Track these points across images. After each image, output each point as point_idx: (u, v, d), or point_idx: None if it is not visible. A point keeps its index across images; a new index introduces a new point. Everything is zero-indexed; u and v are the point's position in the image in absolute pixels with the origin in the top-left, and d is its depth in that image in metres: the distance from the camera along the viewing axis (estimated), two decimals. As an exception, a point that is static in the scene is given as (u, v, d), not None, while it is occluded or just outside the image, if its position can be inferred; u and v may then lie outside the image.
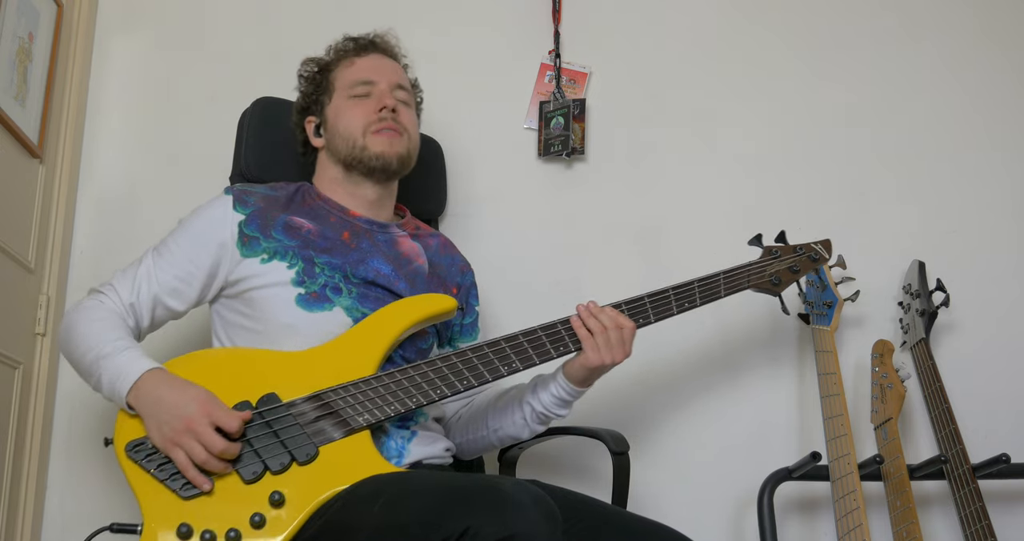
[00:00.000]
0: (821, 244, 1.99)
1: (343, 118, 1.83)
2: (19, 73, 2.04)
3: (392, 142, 1.81)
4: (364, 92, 1.84)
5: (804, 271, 1.96)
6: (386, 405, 1.60)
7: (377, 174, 1.82)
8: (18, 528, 2.04)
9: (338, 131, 1.84)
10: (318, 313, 1.69)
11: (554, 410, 1.76)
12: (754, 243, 1.96)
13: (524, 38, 2.44)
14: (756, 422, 2.27)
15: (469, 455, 1.90)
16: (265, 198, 1.79)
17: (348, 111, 1.83)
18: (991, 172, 2.41)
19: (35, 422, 2.10)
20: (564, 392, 1.74)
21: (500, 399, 1.83)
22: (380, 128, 1.81)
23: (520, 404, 1.78)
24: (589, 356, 1.68)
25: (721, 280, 1.84)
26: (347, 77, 1.86)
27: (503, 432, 1.81)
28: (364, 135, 1.81)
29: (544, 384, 1.76)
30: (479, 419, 1.84)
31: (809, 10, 2.49)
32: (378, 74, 1.86)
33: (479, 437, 1.84)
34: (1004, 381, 2.29)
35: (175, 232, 1.77)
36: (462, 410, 1.90)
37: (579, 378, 1.72)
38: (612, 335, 1.69)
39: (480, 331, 1.95)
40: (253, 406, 1.56)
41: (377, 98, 1.83)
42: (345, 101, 1.84)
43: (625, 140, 2.41)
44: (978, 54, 2.48)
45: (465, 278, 1.94)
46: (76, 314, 1.68)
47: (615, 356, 1.69)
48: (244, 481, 1.50)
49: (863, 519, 1.93)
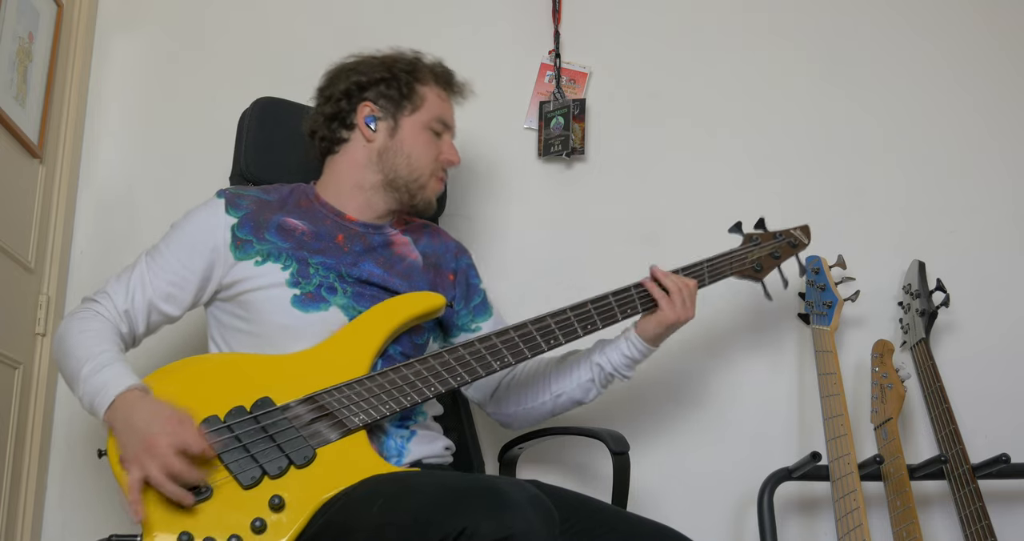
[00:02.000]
0: (800, 229, 2.05)
1: (419, 146, 1.83)
2: (19, 73, 2.04)
3: (440, 190, 1.88)
4: (441, 130, 1.87)
5: (785, 257, 2.01)
6: (381, 404, 1.60)
7: (409, 209, 1.86)
8: (18, 527, 2.04)
9: (407, 153, 1.82)
10: (314, 313, 1.69)
11: (622, 371, 1.83)
12: (734, 231, 1.98)
13: (524, 38, 2.44)
14: (756, 422, 2.27)
15: (524, 425, 1.92)
16: (257, 201, 1.79)
17: (426, 143, 1.84)
18: (991, 172, 2.41)
19: (35, 422, 2.10)
20: (637, 351, 1.81)
21: (562, 363, 1.87)
22: (441, 178, 1.87)
23: (588, 365, 1.84)
24: (667, 313, 1.78)
25: (705, 268, 1.90)
26: (437, 109, 1.86)
27: (566, 397, 1.85)
28: (431, 176, 1.84)
29: (614, 345, 1.83)
30: (538, 386, 1.87)
31: (809, 10, 2.49)
32: (453, 122, 1.90)
33: (538, 404, 1.87)
34: (1004, 381, 2.29)
35: (168, 237, 1.76)
36: (505, 381, 1.91)
37: (653, 336, 1.80)
38: (686, 293, 1.80)
39: (494, 307, 1.95)
40: (248, 410, 1.55)
41: (448, 147, 1.87)
42: (423, 130, 1.84)
43: (625, 140, 2.41)
44: (979, 54, 2.47)
45: (460, 262, 1.93)
46: (67, 324, 1.67)
47: (688, 312, 1.80)
48: (243, 487, 1.49)
49: (863, 519, 1.93)
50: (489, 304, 1.95)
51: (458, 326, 1.90)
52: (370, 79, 1.83)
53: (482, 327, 1.89)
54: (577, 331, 1.76)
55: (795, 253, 2.03)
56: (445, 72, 1.91)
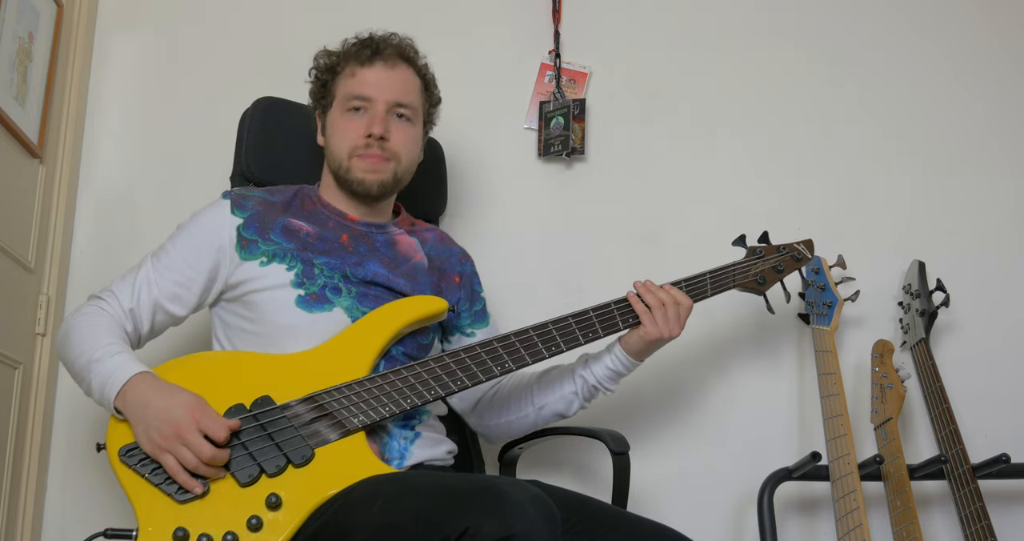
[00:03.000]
0: (803, 244, 2.04)
1: (335, 133, 1.81)
2: (19, 73, 2.04)
3: (375, 169, 1.78)
4: (359, 106, 1.79)
5: (788, 271, 2.00)
6: (381, 406, 1.61)
7: (359, 197, 1.81)
8: (18, 527, 2.04)
9: (330, 144, 1.83)
10: (318, 314, 1.70)
11: (605, 384, 1.82)
12: (738, 243, 1.98)
13: (524, 38, 2.44)
14: (756, 422, 2.27)
15: (505, 437, 1.92)
16: (263, 202, 1.79)
17: (340, 126, 1.80)
18: (991, 172, 2.41)
19: (35, 422, 2.10)
20: (621, 365, 1.80)
21: (545, 376, 1.86)
22: (365, 155, 1.78)
23: (572, 378, 1.83)
24: (648, 329, 1.75)
25: (708, 280, 1.88)
26: (346, 89, 1.80)
27: (548, 409, 1.85)
28: (349, 158, 1.78)
29: (597, 358, 1.82)
30: (521, 398, 1.86)
31: (810, 10, 2.49)
32: (376, 90, 1.79)
33: (521, 416, 1.87)
34: (1004, 381, 2.29)
35: (173, 237, 1.77)
36: (488, 393, 1.91)
37: (636, 350, 1.78)
38: (670, 311, 1.77)
39: (491, 316, 1.96)
40: (247, 409, 1.56)
41: (368, 120, 1.77)
42: (340, 114, 1.81)
43: (625, 140, 2.41)
44: (980, 54, 2.47)
45: (465, 267, 1.94)
46: (73, 319, 1.67)
47: (672, 330, 1.76)
48: (240, 484, 1.49)
49: (863, 519, 1.93)
50: (488, 313, 1.95)
51: (457, 328, 1.90)
52: (313, 98, 1.88)
53: (477, 334, 1.90)
54: (579, 339, 1.75)
55: (798, 267, 2.01)
56: (353, 46, 1.84)
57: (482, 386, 1.87)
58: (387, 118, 1.78)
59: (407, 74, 1.83)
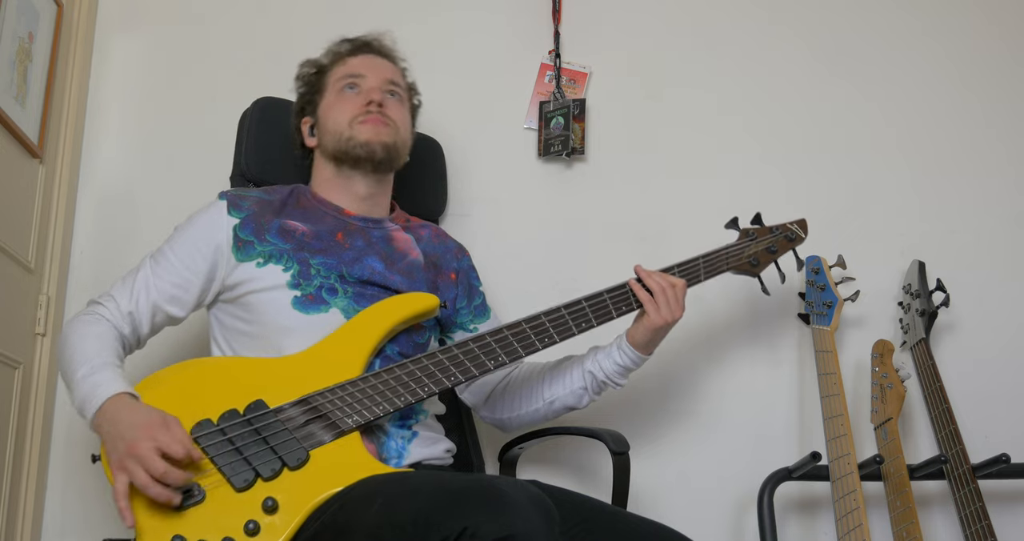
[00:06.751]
0: (797, 224, 2.03)
1: (332, 112, 1.85)
2: (19, 73, 2.04)
3: (378, 130, 1.82)
4: (353, 84, 1.86)
5: (781, 252, 2.00)
6: (374, 405, 1.60)
7: (364, 164, 1.82)
8: (18, 527, 2.04)
9: (327, 126, 1.85)
10: (315, 315, 1.70)
11: (615, 379, 1.83)
12: (731, 226, 1.98)
13: (524, 38, 2.44)
14: (756, 422, 2.27)
15: (518, 429, 1.93)
16: (259, 202, 1.79)
17: (337, 105, 1.85)
18: (992, 172, 2.41)
19: (35, 422, 2.10)
20: (629, 360, 1.81)
21: (555, 370, 1.87)
22: (366, 120, 1.82)
23: (581, 372, 1.83)
24: (652, 317, 1.76)
25: (701, 264, 1.89)
26: (337, 75, 1.88)
27: (559, 403, 1.86)
28: (351, 126, 1.82)
29: (606, 352, 1.83)
30: (532, 392, 1.87)
31: (810, 9, 2.49)
32: (368, 70, 1.88)
33: (532, 410, 1.88)
34: (1004, 381, 2.29)
35: (171, 239, 1.77)
36: (499, 387, 1.91)
37: (643, 342, 1.79)
38: (669, 294, 1.78)
39: (492, 309, 1.96)
40: (241, 413, 1.55)
41: (365, 92, 1.85)
42: (336, 95, 1.87)
43: (625, 140, 2.41)
44: (982, 53, 2.47)
45: (462, 262, 1.95)
46: (69, 328, 1.67)
47: (675, 314, 1.77)
48: (236, 489, 1.48)
49: (863, 519, 1.93)
50: (488, 307, 1.96)
51: (457, 324, 1.90)
52: (300, 103, 1.94)
53: (479, 328, 1.90)
54: (572, 330, 1.76)
55: (792, 247, 2.02)
56: (341, 44, 1.93)
57: (492, 380, 1.89)
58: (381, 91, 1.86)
59: (393, 66, 1.94)
